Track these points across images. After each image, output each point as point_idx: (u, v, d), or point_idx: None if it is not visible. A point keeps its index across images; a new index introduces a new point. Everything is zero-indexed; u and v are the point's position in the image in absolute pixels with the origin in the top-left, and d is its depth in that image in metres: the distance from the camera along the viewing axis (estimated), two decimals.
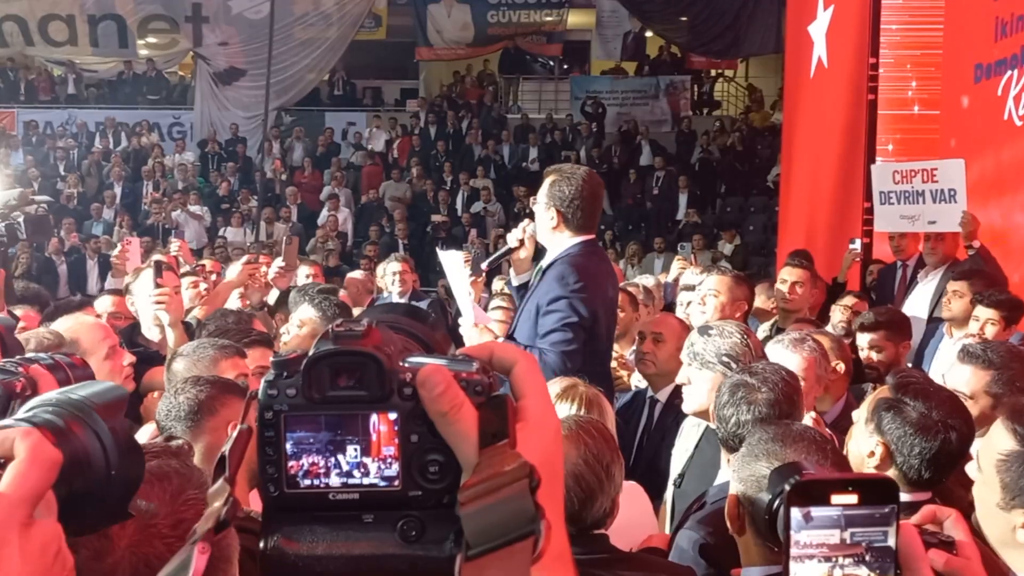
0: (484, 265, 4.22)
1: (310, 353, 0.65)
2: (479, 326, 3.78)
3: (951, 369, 3.32)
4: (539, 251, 4.01)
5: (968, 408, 2.43)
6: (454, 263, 4.03)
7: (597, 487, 2.12)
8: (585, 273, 3.73)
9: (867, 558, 0.99)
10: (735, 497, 2.01)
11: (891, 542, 1.00)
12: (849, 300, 5.55)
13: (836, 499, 1.00)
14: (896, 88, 8.19)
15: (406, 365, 0.66)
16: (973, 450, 2.56)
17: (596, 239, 3.93)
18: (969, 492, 2.53)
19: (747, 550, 1.99)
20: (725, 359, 3.06)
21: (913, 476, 2.22)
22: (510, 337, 3.86)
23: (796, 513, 1.01)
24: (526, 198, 12.98)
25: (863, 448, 2.29)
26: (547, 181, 3.84)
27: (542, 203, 3.81)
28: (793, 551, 1.00)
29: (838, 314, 5.39)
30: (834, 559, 0.99)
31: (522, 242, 3.92)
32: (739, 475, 2.03)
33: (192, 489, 1.26)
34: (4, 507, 0.65)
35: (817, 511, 1.01)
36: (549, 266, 3.81)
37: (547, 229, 3.81)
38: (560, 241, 3.80)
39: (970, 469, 1.78)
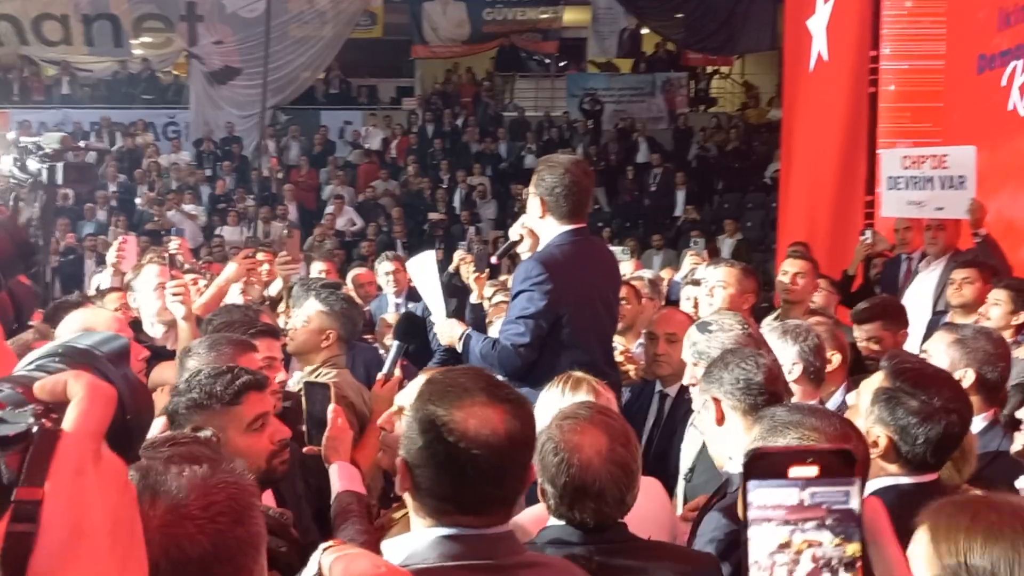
0: (493, 259, 4.35)
1: None
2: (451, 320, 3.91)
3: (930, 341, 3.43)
4: None
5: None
6: (423, 265, 4.11)
7: (636, 468, 2.10)
8: (552, 265, 3.66)
9: (828, 522, 0.95)
10: None
11: (853, 504, 0.95)
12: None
13: (795, 472, 0.96)
14: (897, 80, 8.16)
15: None
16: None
17: (585, 227, 3.86)
18: (960, 475, 2.53)
19: None
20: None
21: (918, 462, 2.25)
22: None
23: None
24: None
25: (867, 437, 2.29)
26: (536, 171, 3.85)
27: (531, 192, 3.83)
28: (750, 514, 0.96)
29: None
30: (794, 523, 0.95)
31: (521, 236, 3.91)
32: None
33: (222, 473, 1.24)
34: (77, 441, 0.69)
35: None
36: None
37: (535, 219, 3.81)
38: (549, 230, 3.78)
39: None
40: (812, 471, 0.95)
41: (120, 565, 0.68)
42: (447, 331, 3.87)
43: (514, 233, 3.99)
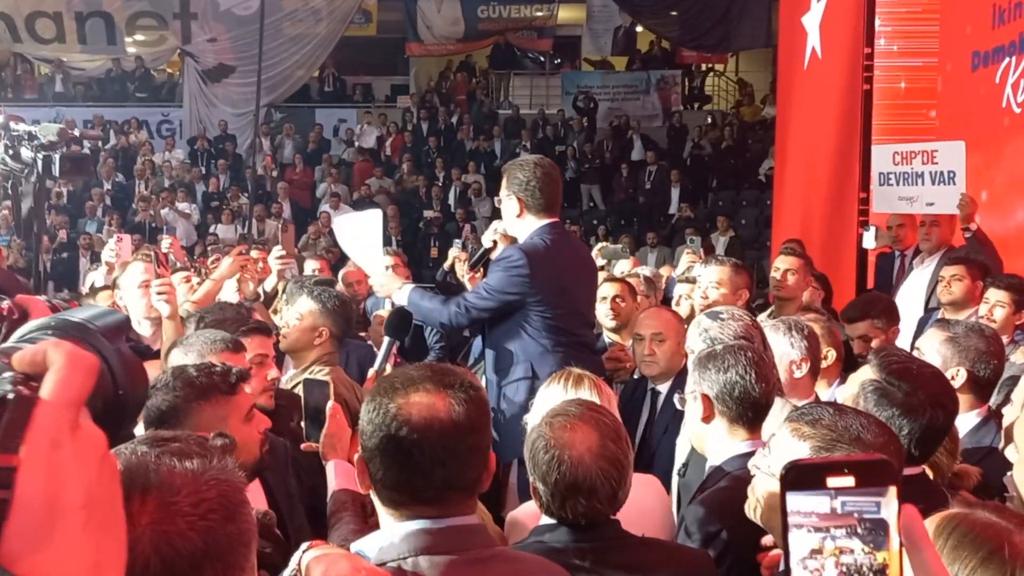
0: (467, 268, 4.53)
1: None
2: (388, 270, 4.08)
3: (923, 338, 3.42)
4: None
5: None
6: (366, 223, 4.08)
7: (628, 464, 2.09)
8: (533, 254, 3.78)
9: (859, 530, 0.96)
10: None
11: (884, 514, 0.96)
12: None
13: (832, 482, 0.97)
14: (891, 77, 8.15)
15: None
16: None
17: (560, 222, 4.00)
18: (953, 460, 2.53)
19: None
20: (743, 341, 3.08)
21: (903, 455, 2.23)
22: None
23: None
24: None
25: None
26: (505, 175, 3.96)
27: (504, 195, 3.93)
28: (789, 520, 0.98)
29: None
30: (826, 529, 0.95)
31: (495, 243, 4.05)
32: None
33: (212, 469, 1.23)
34: (53, 412, 0.66)
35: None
36: None
37: (512, 218, 3.91)
38: (527, 227, 3.88)
39: (1010, 452, 1.76)
40: (849, 481, 0.97)
41: (94, 543, 0.65)
42: (386, 283, 4.00)
43: (487, 240, 4.10)
